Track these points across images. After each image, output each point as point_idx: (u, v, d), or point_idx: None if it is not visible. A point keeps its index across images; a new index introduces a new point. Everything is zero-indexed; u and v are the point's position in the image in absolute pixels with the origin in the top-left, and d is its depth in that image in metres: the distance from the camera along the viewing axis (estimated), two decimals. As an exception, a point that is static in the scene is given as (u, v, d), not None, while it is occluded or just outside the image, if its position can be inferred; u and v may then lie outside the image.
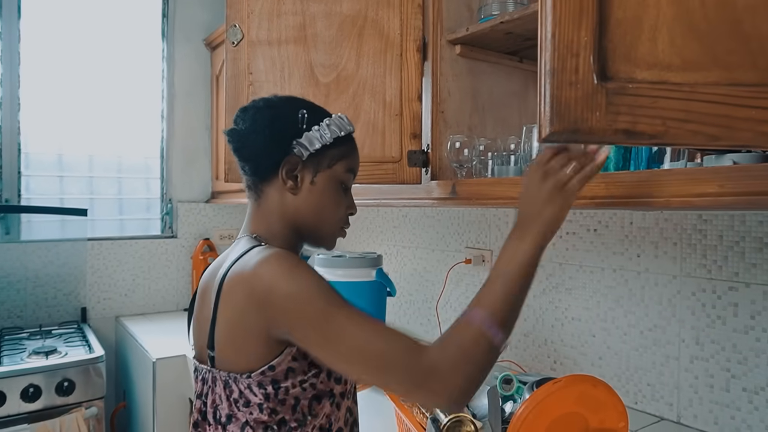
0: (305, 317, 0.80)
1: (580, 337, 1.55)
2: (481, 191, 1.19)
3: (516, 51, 1.50)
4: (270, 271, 0.81)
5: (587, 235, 1.53)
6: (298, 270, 0.82)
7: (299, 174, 0.94)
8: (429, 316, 2.09)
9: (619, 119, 0.59)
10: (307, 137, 0.93)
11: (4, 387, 1.75)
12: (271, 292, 0.80)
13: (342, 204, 0.98)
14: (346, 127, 0.97)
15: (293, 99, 0.99)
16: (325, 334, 0.79)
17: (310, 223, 0.96)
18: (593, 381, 0.88)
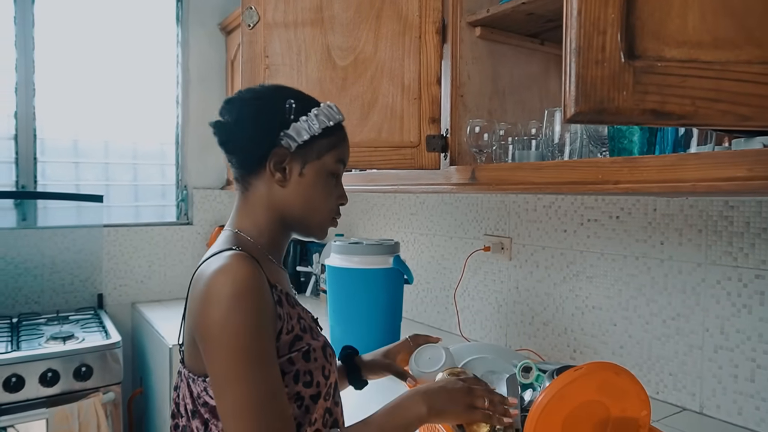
0: (215, 350, 0.79)
1: (601, 325, 1.52)
2: (502, 177, 1.16)
3: (537, 33, 1.46)
4: (216, 287, 0.80)
5: (609, 222, 1.50)
6: (242, 299, 0.79)
7: (287, 166, 0.92)
8: (447, 305, 2.07)
9: (647, 99, 0.56)
10: (295, 128, 0.91)
11: (22, 371, 1.76)
12: (204, 308, 0.80)
13: (332, 195, 0.96)
14: (335, 117, 0.95)
15: (281, 88, 0.97)
16: (224, 377, 0.79)
17: (299, 215, 0.94)
18: (615, 368, 0.86)
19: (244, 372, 0.78)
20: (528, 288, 1.75)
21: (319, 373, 0.89)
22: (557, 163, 1.04)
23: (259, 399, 0.78)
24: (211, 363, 0.80)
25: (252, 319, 0.79)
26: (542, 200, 1.70)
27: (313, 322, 0.97)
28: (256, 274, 0.82)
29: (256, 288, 0.81)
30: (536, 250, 1.72)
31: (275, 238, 0.96)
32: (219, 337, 0.79)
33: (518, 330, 1.79)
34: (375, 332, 1.68)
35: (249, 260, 0.83)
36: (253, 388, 0.78)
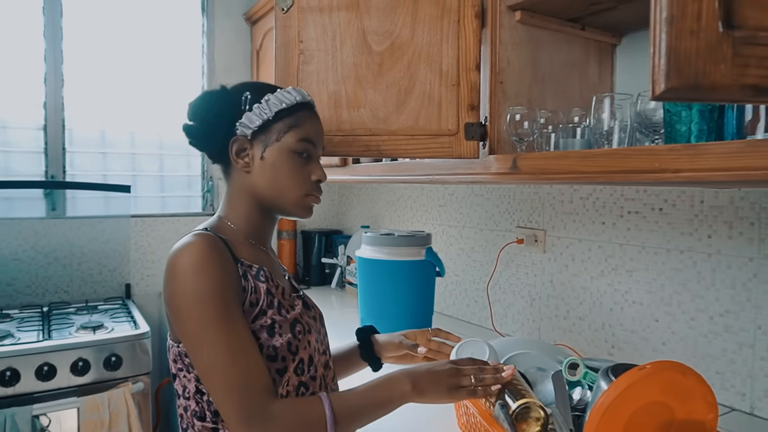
0: (183, 317, 0.87)
1: (642, 321, 1.47)
2: (546, 166, 1.11)
3: (579, 17, 1.41)
4: (177, 262, 0.88)
5: (651, 215, 1.44)
6: (200, 269, 0.86)
7: (249, 152, 0.99)
8: (476, 298, 2.03)
9: (748, 73, 0.51)
10: (247, 116, 0.97)
11: (54, 360, 1.77)
12: (168, 283, 0.89)
13: (300, 173, 1.00)
14: (289, 99, 0.99)
15: (242, 84, 1.03)
16: (194, 341, 0.86)
17: (269, 196, 1.00)
18: (682, 368, 0.81)
19: (211, 331, 0.85)
20: (563, 282, 1.70)
21: (285, 348, 0.93)
22: (608, 152, 0.99)
23: (228, 354, 0.84)
24: (181, 331, 0.88)
25: (210, 284, 0.86)
26: (579, 191, 1.65)
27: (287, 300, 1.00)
28: (213, 246, 0.89)
29: (212, 258, 0.88)
30: (572, 242, 1.67)
31: (255, 223, 1.02)
32: (182, 305, 0.87)
33: (552, 324, 1.74)
34: (406, 325, 1.64)
35: (209, 237, 0.91)
36: (219, 345, 0.84)
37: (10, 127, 2.27)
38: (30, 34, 2.27)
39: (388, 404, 0.91)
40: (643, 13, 1.41)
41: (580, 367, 1.08)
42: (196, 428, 0.93)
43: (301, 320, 0.99)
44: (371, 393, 0.91)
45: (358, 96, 1.26)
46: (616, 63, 1.55)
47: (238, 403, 0.83)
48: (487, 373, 0.95)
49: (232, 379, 0.83)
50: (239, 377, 0.84)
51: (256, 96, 0.98)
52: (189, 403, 0.94)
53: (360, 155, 1.28)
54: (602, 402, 0.79)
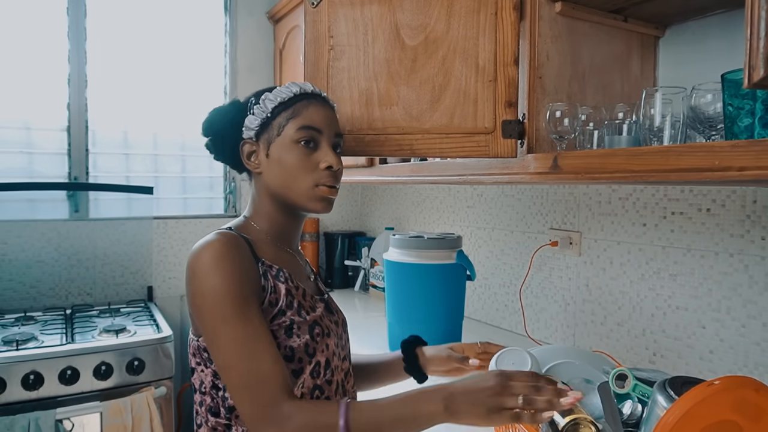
0: (203, 315, 0.88)
1: (687, 327, 1.40)
2: (591, 164, 1.05)
3: (621, 8, 1.34)
4: (197, 260, 0.89)
5: (698, 216, 1.37)
6: (219, 266, 0.87)
7: (257, 153, 1.01)
8: (506, 302, 1.97)
9: None
10: (249, 119, 1.00)
11: (78, 364, 1.74)
12: (189, 280, 0.90)
13: (306, 162, 0.98)
14: (285, 94, 1.00)
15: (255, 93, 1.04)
16: (212, 337, 0.87)
17: (282, 192, 1.00)
18: (755, 384, 0.74)
19: (228, 328, 0.86)
20: (600, 286, 1.63)
21: (302, 349, 0.93)
22: (660, 149, 0.93)
23: (245, 351, 0.85)
24: (202, 327, 0.89)
25: (229, 281, 0.87)
26: (618, 192, 1.58)
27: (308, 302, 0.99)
28: (233, 245, 0.90)
29: (232, 256, 0.89)
30: (610, 245, 1.60)
31: (278, 223, 1.03)
32: (202, 302, 0.88)
33: (588, 330, 1.67)
34: (436, 331, 1.59)
35: (230, 235, 0.92)
36: (236, 342, 0.85)
37: (33, 128, 2.26)
38: (54, 34, 2.26)
39: (411, 423, 0.83)
40: (689, 2, 1.34)
41: (629, 379, 1.01)
42: (210, 424, 0.94)
43: (321, 323, 0.99)
44: (395, 407, 0.84)
45: (390, 93, 1.20)
46: (659, 57, 1.48)
47: (253, 399, 0.83)
48: (543, 394, 0.80)
49: (248, 376, 0.84)
50: (255, 374, 0.84)
51: (256, 99, 1.01)
52: (204, 398, 0.95)
53: (392, 155, 1.23)
54: (666, 420, 0.73)
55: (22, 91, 2.23)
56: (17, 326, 1.97)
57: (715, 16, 1.36)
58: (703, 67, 1.38)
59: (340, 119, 1.14)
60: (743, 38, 1.28)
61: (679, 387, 0.86)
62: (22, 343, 1.75)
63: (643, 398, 1.00)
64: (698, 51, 1.39)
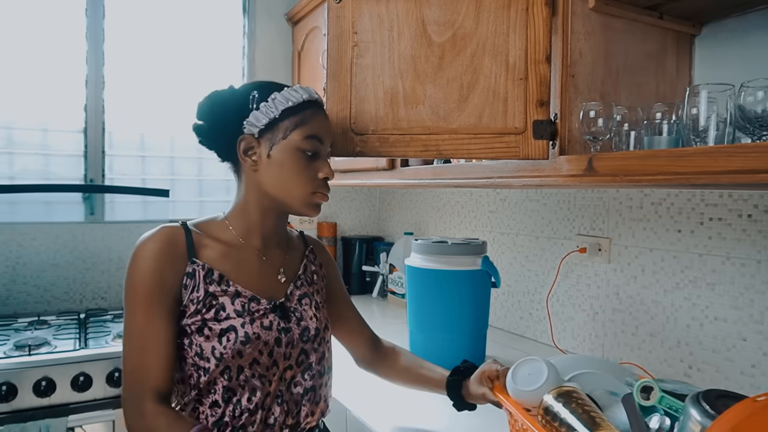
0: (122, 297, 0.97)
1: (726, 340, 1.33)
2: (629, 166, 0.99)
3: (657, 5, 1.28)
4: (135, 248, 0.96)
5: (738, 222, 1.30)
6: (140, 260, 0.94)
7: (256, 151, 1.00)
8: (531, 310, 1.90)
9: None
10: (254, 115, 0.99)
11: (90, 370, 1.70)
12: None
13: (306, 170, 1.00)
14: (295, 98, 0.99)
15: (249, 84, 1.05)
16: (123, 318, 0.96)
17: (276, 194, 1.01)
18: None
19: (129, 318, 0.94)
20: (631, 294, 1.56)
21: (209, 350, 0.95)
22: (708, 149, 0.87)
23: (134, 343, 0.92)
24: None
25: (142, 276, 0.93)
26: (650, 196, 1.51)
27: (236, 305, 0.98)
28: (165, 241, 0.96)
29: (157, 252, 0.94)
30: (642, 252, 1.53)
31: (251, 222, 1.04)
32: (125, 287, 0.96)
33: (618, 341, 1.60)
34: (460, 340, 1.54)
35: (168, 231, 0.97)
36: (130, 333, 0.93)
37: (50, 130, 2.24)
38: (72, 36, 2.24)
39: None
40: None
41: (655, 391, 0.94)
42: None
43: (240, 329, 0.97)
44: None
45: (416, 91, 1.15)
46: (695, 55, 1.41)
47: (128, 387, 0.92)
48: None
49: (131, 366, 0.92)
50: (136, 366, 0.92)
51: (263, 94, 0.99)
52: None
53: (418, 156, 1.17)
54: None
55: (40, 93, 2.21)
56: (30, 330, 1.94)
57: (755, 13, 1.29)
58: (743, 65, 1.31)
59: (363, 118, 1.12)
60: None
61: (714, 400, 0.80)
62: (35, 348, 1.71)
63: (671, 412, 0.94)
64: (737, 49, 1.33)
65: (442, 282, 1.51)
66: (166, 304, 0.95)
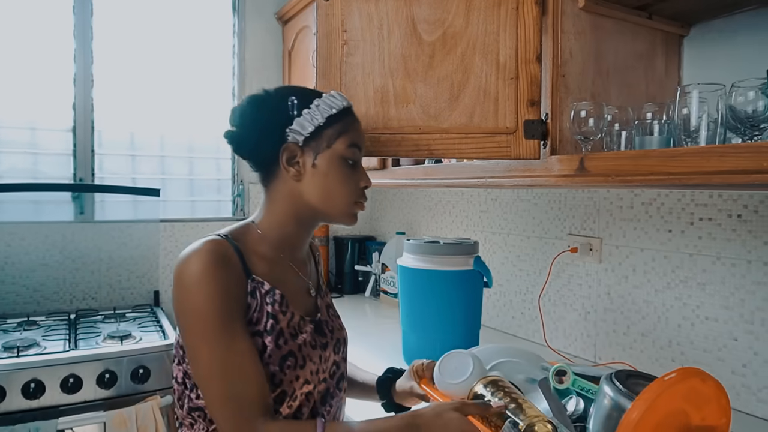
0: (184, 327, 0.87)
1: (717, 339, 1.33)
2: (621, 167, 0.99)
3: (646, 5, 1.28)
4: (183, 269, 0.87)
5: (728, 222, 1.30)
6: (204, 282, 0.85)
7: (300, 160, 0.95)
8: (523, 310, 1.90)
9: None
10: (298, 122, 0.94)
11: (81, 371, 1.69)
12: (174, 288, 0.87)
13: (350, 180, 0.97)
14: (338, 104, 0.96)
15: (283, 88, 1.00)
16: (193, 352, 0.86)
17: (318, 204, 0.96)
18: (702, 375, 0.81)
19: (208, 345, 0.84)
20: (622, 294, 1.56)
21: (267, 376, 0.90)
22: (700, 149, 0.87)
23: (224, 369, 0.84)
24: (184, 339, 0.88)
25: (212, 298, 0.84)
26: (640, 196, 1.51)
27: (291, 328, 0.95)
28: (220, 257, 0.87)
29: (218, 270, 0.86)
30: (632, 252, 1.53)
31: (286, 235, 0.99)
32: (184, 315, 0.87)
33: (609, 340, 1.60)
34: (453, 339, 1.53)
35: (219, 246, 0.89)
36: (216, 359, 0.84)
37: (38, 128, 2.22)
38: (60, 33, 2.22)
39: None
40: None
41: (568, 374, 1.01)
42: (180, 413, 0.96)
43: (297, 354, 0.94)
44: None
45: (407, 90, 1.15)
46: (683, 56, 1.41)
47: (229, 416, 0.84)
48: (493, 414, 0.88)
49: (226, 395, 0.84)
50: (233, 393, 0.84)
51: (303, 101, 0.95)
52: (178, 388, 0.96)
53: (409, 156, 1.17)
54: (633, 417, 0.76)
55: (27, 91, 2.18)
56: (19, 331, 1.93)
57: (743, 14, 1.29)
58: (731, 66, 1.32)
59: None
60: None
61: (624, 379, 0.88)
62: (24, 349, 1.70)
63: (583, 392, 1.01)
64: (725, 50, 1.33)
65: (434, 282, 1.51)
66: (242, 322, 0.88)
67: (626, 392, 0.84)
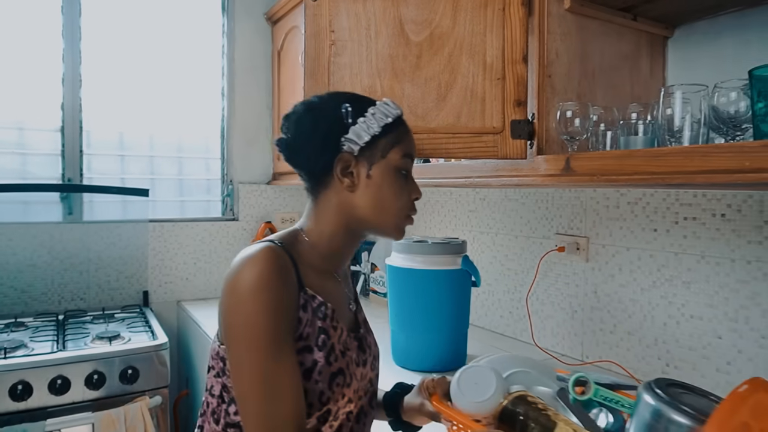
0: (231, 337, 0.82)
1: (702, 337, 1.34)
2: (606, 166, 1.00)
3: (631, 6, 1.30)
4: (238, 276, 0.82)
5: (712, 221, 1.32)
6: (259, 292, 0.80)
7: (354, 170, 0.91)
8: (511, 309, 1.91)
9: None
10: (354, 131, 0.89)
11: (69, 373, 1.68)
12: (226, 294, 0.83)
13: (403, 192, 0.93)
14: (393, 112, 0.92)
15: (335, 94, 0.96)
16: (237, 363, 0.82)
17: (372, 217, 0.92)
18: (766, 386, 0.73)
19: (254, 360, 0.80)
20: (608, 293, 1.58)
21: (315, 394, 0.86)
22: (684, 149, 0.88)
23: (266, 387, 0.80)
24: (228, 348, 0.83)
25: (265, 310, 0.80)
26: (626, 196, 1.52)
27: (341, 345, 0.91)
28: (278, 267, 0.83)
29: (275, 281, 0.81)
30: (619, 251, 1.54)
31: (336, 247, 0.94)
32: (234, 324, 0.82)
33: (596, 339, 1.62)
34: (441, 339, 1.54)
35: (277, 255, 0.84)
36: (259, 376, 0.80)
37: (26, 128, 2.20)
38: (48, 33, 2.21)
39: None
40: (699, 1, 1.29)
41: (590, 384, 0.92)
42: (210, 427, 0.91)
43: (346, 371, 0.90)
44: None
45: (394, 90, 1.15)
46: (668, 57, 1.43)
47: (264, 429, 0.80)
48: None
49: (264, 414, 0.79)
50: (271, 414, 0.79)
51: (358, 108, 0.90)
52: (211, 401, 0.91)
53: (396, 155, 1.17)
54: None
55: (15, 91, 2.17)
56: (6, 333, 1.91)
57: (726, 16, 1.31)
58: (714, 67, 1.33)
59: None
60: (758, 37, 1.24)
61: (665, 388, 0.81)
62: (11, 350, 1.69)
63: (606, 403, 0.94)
64: (709, 51, 1.35)
65: (422, 281, 1.51)
66: (291, 339, 0.84)
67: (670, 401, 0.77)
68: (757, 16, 1.25)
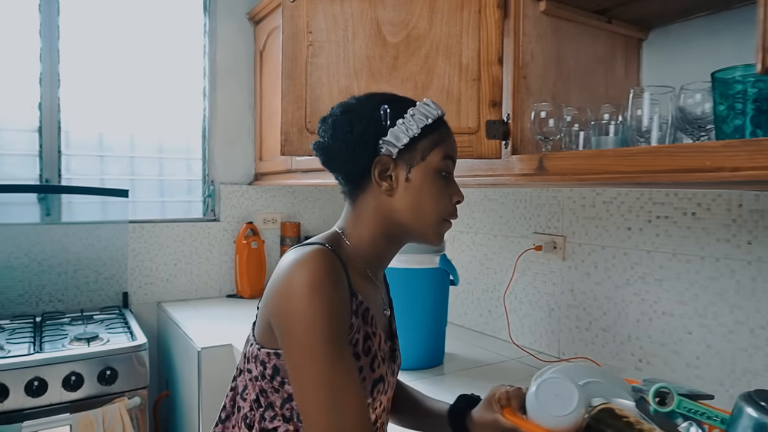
0: (290, 344, 0.80)
1: (672, 333, 1.37)
2: (578, 166, 1.02)
3: (606, 9, 1.32)
4: (293, 279, 0.79)
5: (683, 220, 1.35)
6: (317, 295, 0.78)
7: (393, 173, 0.88)
8: (490, 307, 1.94)
9: None
10: (393, 133, 0.87)
11: (46, 374, 1.67)
12: (281, 298, 0.80)
13: (444, 195, 0.90)
14: (433, 113, 0.89)
15: (372, 96, 0.92)
16: (297, 371, 0.79)
17: (411, 221, 0.89)
18: None
19: (316, 364, 0.77)
20: (584, 291, 1.61)
21: None
22: (650, 149, 0.90)
23: (330, 391, 0.77)
24: (288, 353, 0.80)
25: (324, 316, 0.78)
26: (602, 195, 1.55)
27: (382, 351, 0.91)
28: (334, 271, 0.81)
29: (330, 284, 0.79)
30: (594, 249, 1.57)
31: (376, 252, 0.92)
32: (293, 329, 0.79)
33: (573, 336, 1.64)
34: (420, 337, 1.55)
35: (330, 257, 0.82)
36: (322, 380, 0.77)
37: (3, 128, 2.18)
38: (25, 32, 2.19)
39: None
40: (673, 5, 1.33)
41: (672, 395, 0.86)
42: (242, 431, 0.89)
43: (385, 379, 0.90)
44: None
45: (371, 91, 1.16)
46: (642, 59, 1.46)
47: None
48: None
49: (328, 418, 0.77)
50: (337, 419, 0.77)
51: (396, 110, 0.88)
52: (243, 405, 0.89)
53: (373, 155, 1.19)
54: None
55: (-9, 91, 2.15)
56: (-17, 335, 1.89)
57: (698, 19, 1.34)
58: (687, 69, 1.37)
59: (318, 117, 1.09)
60: (728, 40, 1.27)
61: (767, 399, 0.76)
62: (-13, 352, 1.67)
63: (691, 415, 0.87)
64: (682, 53, 1.38)
65: (400, 280, 1.53)
66: (348, 339, 0.82)
67: None
68: (728, 19, 1.28)
